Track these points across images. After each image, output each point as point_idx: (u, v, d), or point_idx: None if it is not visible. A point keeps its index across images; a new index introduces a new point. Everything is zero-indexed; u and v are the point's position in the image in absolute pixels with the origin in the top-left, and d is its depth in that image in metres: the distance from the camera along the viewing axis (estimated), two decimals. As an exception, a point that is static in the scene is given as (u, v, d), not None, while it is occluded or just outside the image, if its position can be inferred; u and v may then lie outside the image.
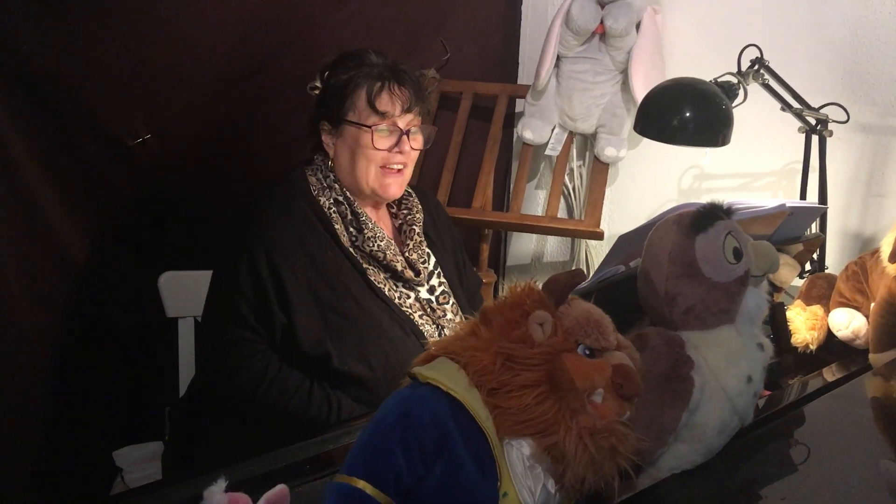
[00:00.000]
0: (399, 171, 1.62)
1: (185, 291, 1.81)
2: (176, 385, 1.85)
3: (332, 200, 1.60)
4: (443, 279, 1.70)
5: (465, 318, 0.95)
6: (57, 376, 1.86)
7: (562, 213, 2.52)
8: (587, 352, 0.90)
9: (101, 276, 1.95)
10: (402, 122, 1.59)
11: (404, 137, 1.60)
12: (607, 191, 2.35)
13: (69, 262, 1.88)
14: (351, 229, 1.59)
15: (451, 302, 1.68)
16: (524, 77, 2.55)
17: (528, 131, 2.35)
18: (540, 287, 0.93)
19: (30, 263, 1.77)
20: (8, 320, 1.71)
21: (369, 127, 1.56)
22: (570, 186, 2.52)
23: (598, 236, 2.23)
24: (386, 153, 1.59)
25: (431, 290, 1.67)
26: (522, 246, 2.74)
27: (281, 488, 0.82)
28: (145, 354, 2.03)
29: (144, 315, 1.94)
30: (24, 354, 1.78)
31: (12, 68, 1.68)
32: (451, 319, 1.65)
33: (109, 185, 1.94)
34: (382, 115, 1.57)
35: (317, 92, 1.65)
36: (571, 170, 2.47)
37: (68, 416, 1.90)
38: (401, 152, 1.60)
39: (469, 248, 2.34)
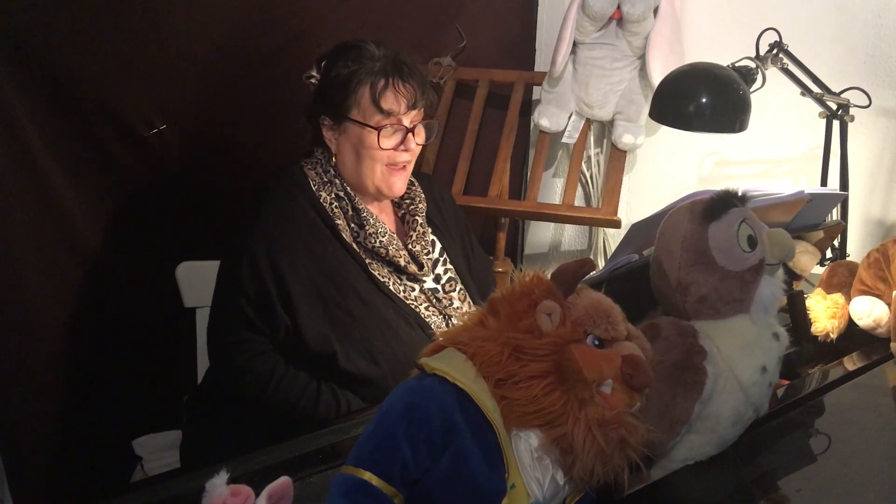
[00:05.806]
0: (403, 167, 1.59)
1: (202, 281, 1.81)
2: (194, 374, 1.87)
3: (332, 196, 1.57)
4: (449, 265, 1.69)
5: (473, 306, 0.94)
6: (76, 366, 1.88)
7: (579, 201, 2.50)
8: (596, 342, 0.89)
9: (119, 266, 1.97)
10: (406, 120, 1.56)
11: (409, 135, 1.56)
12: (625, 179, 2.32)
13: (87, 252, 1.90)
14: (352, 225, 1.57)
15: (458, 288, 1.67)
16: (541, 64, 2.52)
17: (545, 119, 2.32)
18: (548, 276, 0.92)
19: (48, 255, 1.79)
20: (27, 311, 1.73)
21: (374, 128, 1.53)
22: (588, 174, 2.49)
23: (616, 225, 2.21)
24: (392, 152, 1.55)
25: (437, 279, 1.66)
26: (540, 235, 2.72)
27: (284, 480, 0.82)
28: (164, 344, 2.04)
29: (162, 305, 1.95)
30: (43, 345, 1.80)
31: (29, 61, 1.70)
32: (458, 307, 1.63)
33: (126, 175, 1.95)
34: (387, 114, 1.53)
35: (313, 81, 1.61)
36: (588, 157, 2.45)
37: (88, 406, 1.92)
38: (406, 150, 1.57)
39: (486, 237, 2.33)
